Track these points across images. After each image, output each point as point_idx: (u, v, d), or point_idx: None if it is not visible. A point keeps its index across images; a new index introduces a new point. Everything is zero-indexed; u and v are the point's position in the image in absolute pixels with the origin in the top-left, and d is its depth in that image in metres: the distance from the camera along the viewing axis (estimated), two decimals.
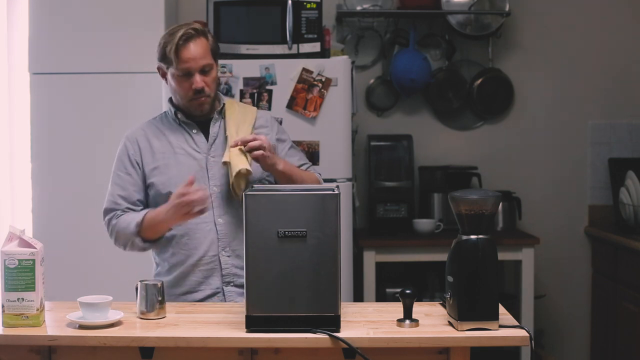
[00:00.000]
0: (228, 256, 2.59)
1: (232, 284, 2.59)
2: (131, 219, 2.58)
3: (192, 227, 2.60)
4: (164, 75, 2.66)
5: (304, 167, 2.78)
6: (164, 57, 2.59)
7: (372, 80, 4.49)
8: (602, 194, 4.51)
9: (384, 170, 4.24)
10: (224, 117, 2.68)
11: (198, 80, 2.57)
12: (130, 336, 2.13)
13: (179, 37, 2.55)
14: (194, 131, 2.66)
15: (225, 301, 2.58)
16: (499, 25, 4.37)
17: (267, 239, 2.10)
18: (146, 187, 2.64)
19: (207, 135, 2.67)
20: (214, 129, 2.67)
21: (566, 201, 4.54)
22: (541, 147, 4.53)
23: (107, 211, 2.66)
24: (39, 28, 3.77)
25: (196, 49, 2.57)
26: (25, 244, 2.19)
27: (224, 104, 2.70)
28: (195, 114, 2.64)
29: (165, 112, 2.75)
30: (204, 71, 2.59)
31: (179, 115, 2.66)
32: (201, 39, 2.59)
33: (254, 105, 3.55)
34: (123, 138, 2.71)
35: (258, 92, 3.61)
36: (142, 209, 2.63)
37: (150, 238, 2.58)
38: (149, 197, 2.65)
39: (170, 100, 2.73)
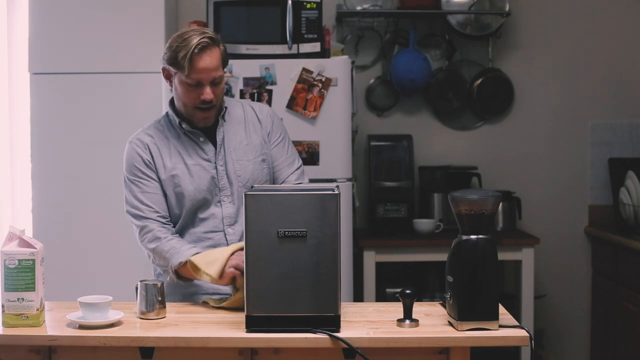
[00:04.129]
0: None
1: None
2: (174, 253, 2.49)
3: (202, 235, 2.59)
4: (168, 77, 2.60)
5: (291, 176, 2.72)
6: (174, 62, 2.52)
7: (372, 80, 4.49)
8: (602, 194, 4.51)
9: (384, 170, 4.24)
10: (225, 121, 2.66)
11: (208, 92, 2.52)
12: (130, 336, 2.13)
13: (194, 45, 2.48)
14: (201, 139, 2.61)
15: None
16: (499, 25, 4.37)
17: (267, 239, 2.10)
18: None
19: (212, 142, 2.62)
20: (219, 135, 2.63)
21: (566, 201, 4.54)
22: (541, 147, 4.53)
23: (136, 216, 2.57)
24: (39, 28, 3.77)
25: (211, 61, 2.51)
26: (25, 244, 2.19)
27: (226, 108, 2.66)
28: (198, 125, 2.60)
29: (167, 114, 2.68)
30: (214, 83, 2.53)
31: (184, 125, 2.60)
32: (215, 49, 2.53)
33: None
34: (129, 144, 2.63)
35: (258, 92, 3.61)
36: (167, 212, 2.60)
37: (185, 276, 2.52)
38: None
39: (172, 103, 2.67)
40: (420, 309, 2.33)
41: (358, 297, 3.96)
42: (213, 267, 2.39)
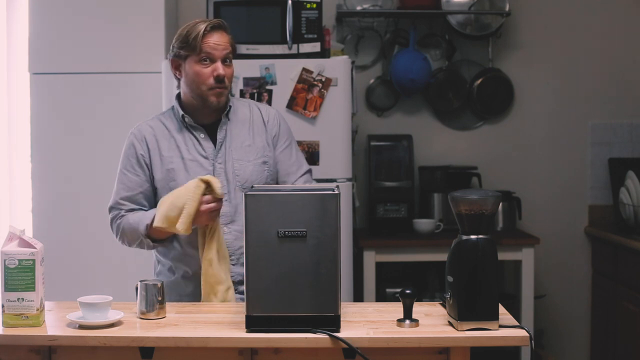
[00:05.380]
0: (233, 264, 2.58)
1: (236, 291, 2.57)
2: (139, 220, 2.57)
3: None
4: (177, 67, 2.63)
5: (299, 179, 2.74)
6: (185, 45, 2.57)
7: (372, 80, 4.49)
8: (602, 194, 4.51)
9: (384, 170, 4.24)
10: (229, 119, 2.67)
11: (220, 66, 2.57)
12: (130, 336, 2.13)
13: (206, 24, 2.57)
14: (201, 136, 2.63)
15: None
16: (499, 25, 4.37)
17: (267, 239, 2.09)
18: (154, 186, 2.63)
19: (213, 140, 2.64)
20: (220, 133, 2.65)
21: (566, 201, 4.54)
22: (541, 147, 4.53)
23: (111, 209, 2.66)
24: (39, 28, 3.78)
25: (221, 38, 2.59)
26: (25, 244, 2.19)
27: (230, 107, 2.68)
28: (212, 104, 2.59)
29: (172, 108, 2.70)
30: (225, 62, 2.59)
31: (187, 119, 2.63)
32: (224, 32, 2.61)
33: None
34: (130, 135, 2.66)
35: (258, 92, 3.61)
36: (148, 209, 2.62)
37: (159, 238, 2.58)
38: (157, 195, 2.63)
39: (178, 98, 2.69)
40: (420, 309, 2.33)
41: (358, 297, 3.96)
42: (180, 223, 2.45)
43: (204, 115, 2.64)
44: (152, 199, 2.64)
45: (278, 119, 2.76)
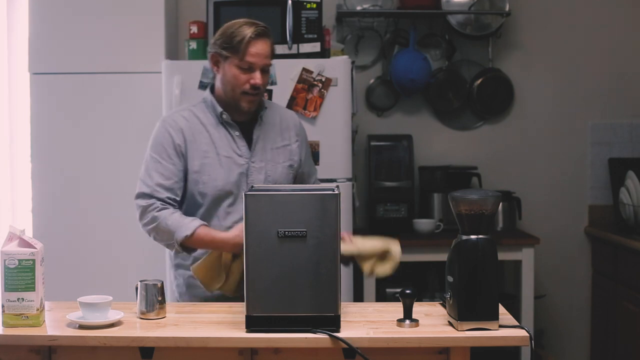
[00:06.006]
0: None
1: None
2: (179, 226, 2.52)
3: (226, 230, 2.59)
4: (216, 63, 2.64)
5: (314, 177, 2.88)
6: (228, 46, 2.57)
7: (372, 80, 4.49)
8: (602, 194, 4.51)
9: (384, 170, 4.24)
10: (262, 121, 2.70)
11: (259, 76, 2.59)
12: (130, 336, 2.13)
13: (253, 30, 2.57)
14: (236, 133, 2.65)
15: None
16: (499, 25, 4.37)
17: (267, 239, 2.10)
18: (186, 177, 2.63)
19: (247, 139, 2.66)
20: (256, 132, 2.67)
21: (566, 201, 4.53)
22: (541, 147, 4.53)
23: (144, 196, 2.58)
24: (39, 28, 3.77)
25: (264, 47, 2.60)
26: (25, 244, 2.19)
27: (265, 108, 2.71)
28: (242, 109, 2.62)
29: (204, 100, 2.70)
30: (264, 70, 2.61)
31: (224, 116, 2.64)
32: (268, 39, 2.62)
33: None
34: (163, 123, 2.66)
35: None
36: (180, 201, 2.61)
37: (190, 247, 2.57)
38: (186, 188, 2.63)
39: (212, 90, 2.69)
40: (420, 309, 2.34)
41: (358, 297, 3.96)
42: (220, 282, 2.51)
43: (237, 113, 2.66)
44: (183, 191, 2.63)
45: (302, 126, 2.84)
